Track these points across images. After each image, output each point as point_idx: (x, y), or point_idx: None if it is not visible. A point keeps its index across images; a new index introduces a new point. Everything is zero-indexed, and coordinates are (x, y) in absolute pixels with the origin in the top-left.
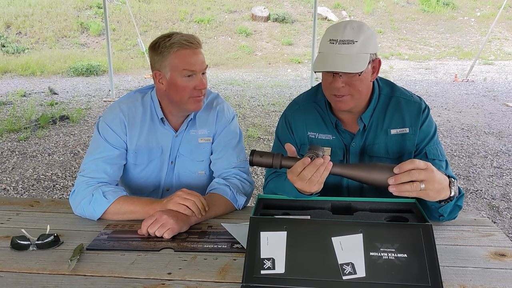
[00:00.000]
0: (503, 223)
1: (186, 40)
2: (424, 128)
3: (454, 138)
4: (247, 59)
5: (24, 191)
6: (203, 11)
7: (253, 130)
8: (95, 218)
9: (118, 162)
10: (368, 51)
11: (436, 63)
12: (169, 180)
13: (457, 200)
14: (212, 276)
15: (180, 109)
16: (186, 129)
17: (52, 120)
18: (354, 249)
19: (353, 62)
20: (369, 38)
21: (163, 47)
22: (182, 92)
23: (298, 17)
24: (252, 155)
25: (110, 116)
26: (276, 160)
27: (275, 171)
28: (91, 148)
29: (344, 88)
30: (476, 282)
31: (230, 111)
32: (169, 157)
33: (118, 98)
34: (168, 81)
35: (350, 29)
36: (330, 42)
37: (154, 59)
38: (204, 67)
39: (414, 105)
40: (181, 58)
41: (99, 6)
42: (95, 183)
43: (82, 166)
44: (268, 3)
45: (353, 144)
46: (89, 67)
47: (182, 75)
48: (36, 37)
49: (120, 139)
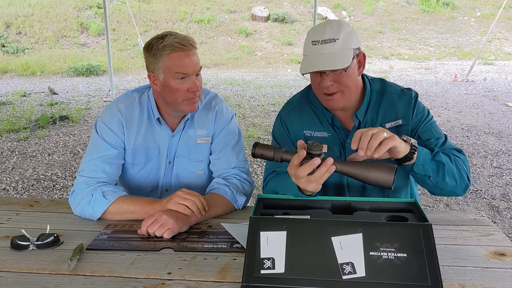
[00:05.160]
0: (503, 223)
1: (179, 43)
2: (415, 115)
3: (454, 138)
4: (247, 59)
5: (24, 191)
6: (203, 11)
7: (253, 130)
8: (95, 218)
9: (117, 161)
10: (351, 47)
11: (436, 63)
12: (167, 180)
13: (434, 156)
14: (212, 276)
15: (175, 110)
16: (184, 129)
17: (52, 120)
18: (354, 249)
19: (338, 59)
20: (349, 34)
21: (156, 49)
22: (176, 94)
23: (298, 17)
24: (254, 147)
25: (108, 116)
26: (277, 154)
27: (273, 170)
28: (89, 148)
29: (333, 86)
30: (476, 282)
31: (229, 111)
32: (167, 157)
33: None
34: (161, 83)
35: (330, 28)
36: (313, 43)
37: (148, 61)
38: (198, 69)
39: (405, 97)
40: (173, 60)
41: (99, 6)
42: (95, 183)
43: (81, 166)
44: (268, 3)
45: (349, 141)
46: (89, 67)
47: (175, 78)
48: (36, 37)
49: (118, 139)
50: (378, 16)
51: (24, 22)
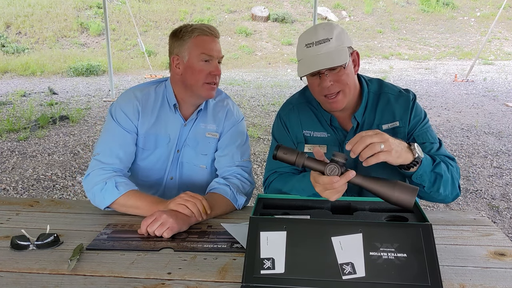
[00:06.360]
0: (503, 223)
1: (208, 28)
2: (413, 117)
3: (454, 138)
4: (247, 59)
5: (24, 191)
6: (203, 11)
7: (253, 130)
8: (103, 207)
9: (131, 146)
10: (345, 45)
11: (436, 63)
12: (173, 169)
13: (434, 167)
14: (212, 276)
15: (193, 95)
16: (196, 120)
17: (52, 120)
18: (353, 249)
19: (335, 57)
20: (341, 33)
21: (184, 32)
22: (198, 76)
23: (298, 17)
24: (277, 149)
25: (124, 101)
26: (300, 159)
27: (275, 171)
28: (104, 132)
29: (333, 85)
30: (476, 282)
31: (239, 113)
32: (176, 145)
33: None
34: (185, 65)
35: (321, 29)
36: (307, 46)
37: (174, 45)
38: (221, 56)
39: (403, 99)
40: (200, 42)
41: (99, 6)
42: (110, 171)
43: (97, 149)
44: (268, 3)
45: (346, 141)
46: (89, 67)
47: (200, 59)
48: (36, 37)
49: (132, 124)
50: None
51: (24, 22)
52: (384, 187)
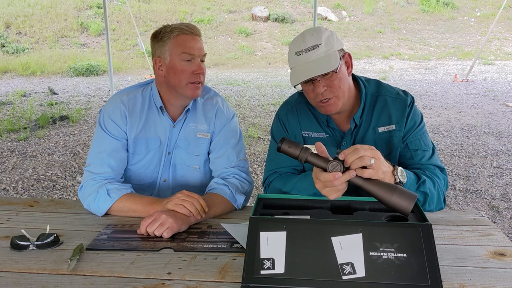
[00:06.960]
0: (503, 223)
1: (187, 27)
2: (409, 121)
3: (454, 138)
4: (247, 59)
5: (24, 191)
6: (203, 11)
7: (253, 130)
8: (100, 214)
9: (121, 154)
10: (335, 48)
11: (436, 63)
12: (166, 171)
13: (419, 186)
14: (212, 276)
15: (178, 96)
16: (186, 120)
17: (52, 120)
18: (353, 249)
19: (325, 63)
20: (330, 37)
21: (164, 33)
22: (181, 76)
23: (298, 17)
24: (281, 142)
25: (110, 107)
26: (303, 154)
27: (275, 171)
28: (94, 141)
29: (326, 91)
30: (476, 282)
31: (230, 110)
32: (166, 147)
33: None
34: (167, 66)
35: (309, 36)
36: (297, 54)
37: (155, 47)
38: (203, 53)
39: (400, 102)
40: (180, 42)
41: (99, 6)
42: (101, 180)
43: (88, 160)
44: (268, 3)
45: (344, 143)
46: (89, 67)
47: (181, 59)
48: (36, 37)
49: (121, 130)
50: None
51: (24, 22)
52: (383, 190)
